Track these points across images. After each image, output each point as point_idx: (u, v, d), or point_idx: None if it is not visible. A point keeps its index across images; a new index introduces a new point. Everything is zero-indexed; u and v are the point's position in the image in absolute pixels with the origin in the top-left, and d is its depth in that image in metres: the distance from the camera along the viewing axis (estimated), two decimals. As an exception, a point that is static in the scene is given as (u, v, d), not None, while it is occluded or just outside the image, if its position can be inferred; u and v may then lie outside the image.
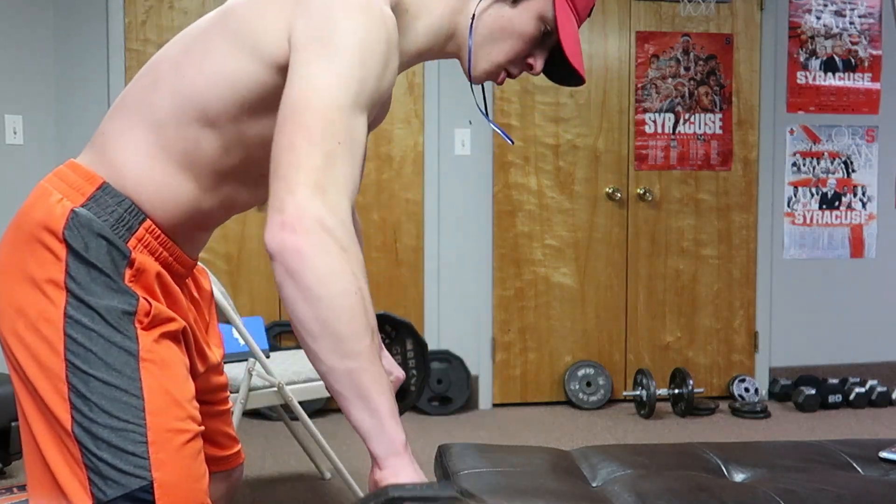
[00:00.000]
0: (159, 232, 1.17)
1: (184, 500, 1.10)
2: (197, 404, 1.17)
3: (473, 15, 1.20)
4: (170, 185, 1.15)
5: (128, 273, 1.12)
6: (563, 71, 1.28)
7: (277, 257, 0.96)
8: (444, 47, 1.24)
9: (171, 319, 1.16)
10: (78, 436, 1.07)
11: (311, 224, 0.95)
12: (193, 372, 1.25)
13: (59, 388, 1.08)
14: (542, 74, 1.31)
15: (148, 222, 1.15)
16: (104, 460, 1.06)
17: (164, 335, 1.15)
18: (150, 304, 1.13)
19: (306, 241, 0.95)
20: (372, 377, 0.97)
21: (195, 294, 1.34)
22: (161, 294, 1.17)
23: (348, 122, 1.01)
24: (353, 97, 1.01)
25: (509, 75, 1.27)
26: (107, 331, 1.09)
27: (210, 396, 1.37)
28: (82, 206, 1.12)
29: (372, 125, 1.34)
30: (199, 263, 1.36)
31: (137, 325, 1.11)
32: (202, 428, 1.16)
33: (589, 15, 1.29)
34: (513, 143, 1.50)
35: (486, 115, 1.35)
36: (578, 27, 1.25)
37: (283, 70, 1.07)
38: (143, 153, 1.14)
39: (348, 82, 1.01)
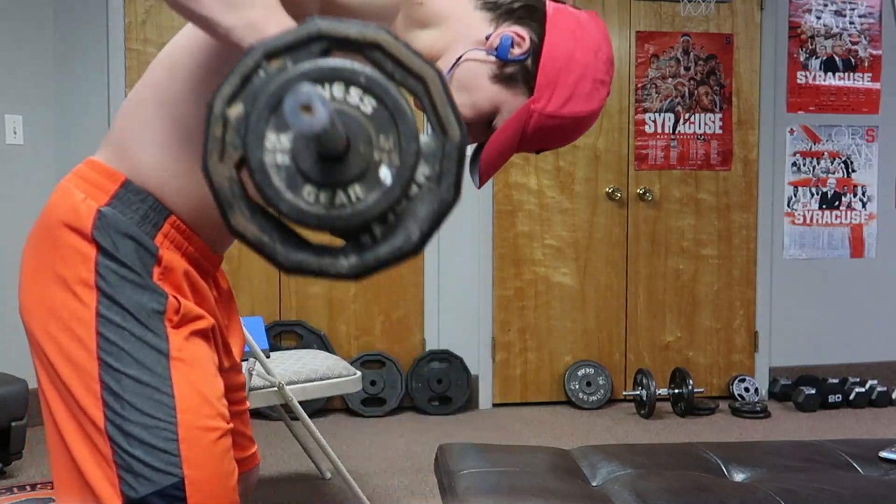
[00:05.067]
0: (185, 227, 1.16)
1: (214, 497, 1.11)
2: (225, 402, 1.17)
3: (460, 57, 1.18)
4: (193, 179, 1.13)
5: (156, 271, 1.12)
6: (475, 162, 1.25)
7: None
8: None
9: (200, 317, 1.16)
10: (110, 433, 1.07)
11: None
12: (220, 368, 1.25)
13: (92, 387, 1.08)
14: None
15: (173, 218, 1.14)
16: (136, 457, 1.07)
17: (194, 333, 1.15)
18: (178, 301, 1.13)
19: None
20: (276, 24, 0.92)
21: (215, 294, 1.34)
22: (189, 291, 1.17)
23: None
24: None
25: None
26: (138, 329, 1.09)
27: (231, 395, 1.38)
28: (107, 204, 1.11)
29: None
30: None
31: (167, 323, 1.11)
32: (231, 426, 1.16)
33: (536, 152, 1.25)
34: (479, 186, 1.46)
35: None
36: (518, 150, 1.21)
37: None
38: (164, 148, 1.13)
39: None
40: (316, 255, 0.81)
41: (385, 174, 0.77)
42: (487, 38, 1.18)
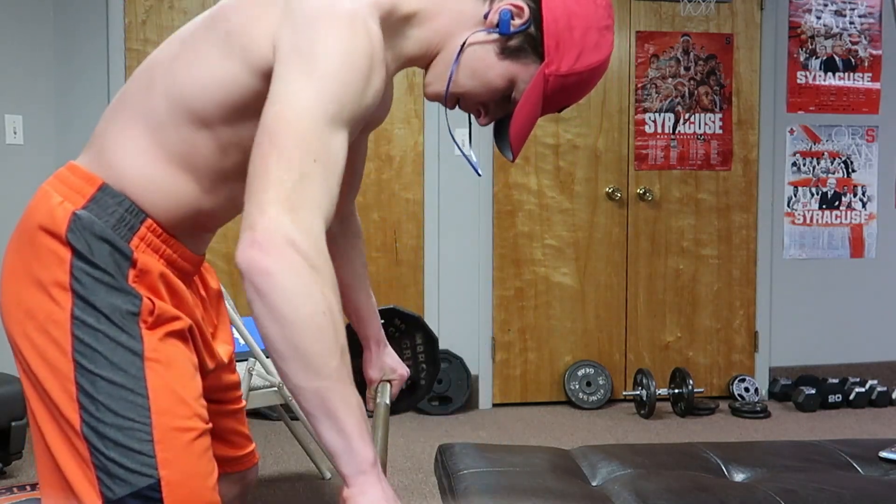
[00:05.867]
0: (161, 230, 1.17)
1: (191, 497, 1.11)
2: (204, 402, 1.18)
3: (464, 43, 1.19)
4: (170, 185, 1.15)
5: (131, 273, 1.13)
6: (504, 137, 1.28)
7: (247, 276, 0.97)
8: (427, 59, 1.23)
9: (175, 318, 1.17)
10: (87, 435, 1.08)
11: (280, 244, 0.95)
12: (202, 369, 1.25)
13: (68, 389, 1.09)
14: (491, 126, 1.29)
15: (149, 221, 1.15)
16: (112, 459, 1.07)
17: (170, 334, 1.15)
18: (153, 303, 1.13)
19: (275, 262, 0.94)
20: (340, 397, 0.98)
21: (202, 292, 1.34)
22: (166, 293, 1.18)
23: (325, 139, 1.00)
24: (330, 115, 1.01)
25: (460, 107, 1.26)
26: (112, 331, 1.10)
27: (222, 395, 1.37)
28: (83, 208, 1.13)
29: (371, 125, 1.33)
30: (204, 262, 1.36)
31: (142, 324, 1.12)
32: (209, 426, 1.16)
33: (559, 110, 1.27)
34: (480, 175, 1.49)
35: (471, 147, 1.34)
36: (542, 114, 1.24)
37: (269, 77, 1.06)
38: (141, 154, 1.15)
39: (327, 100, 1.01)
40: None
41: None
42: (486, 18, 1.18)
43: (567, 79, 1.20)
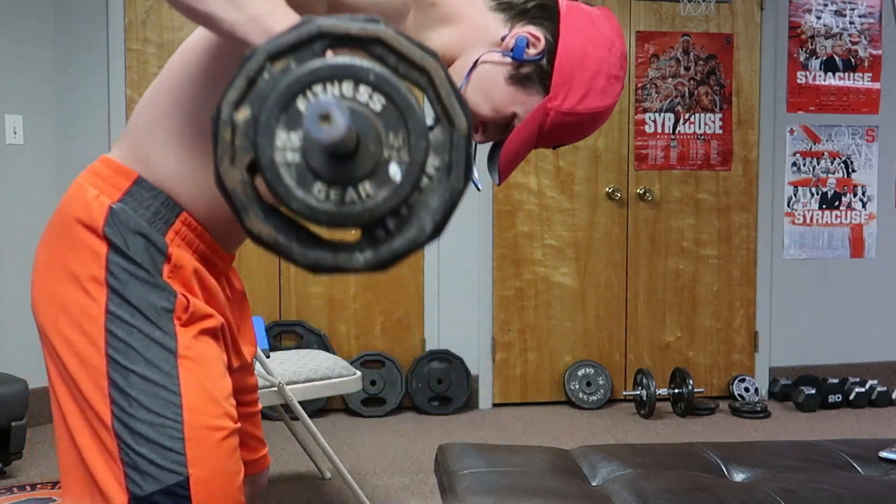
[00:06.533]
0: (196, 224, 1.16)
1: (219, 496, 1.11)
2: (233, 402, 1.17)
3: (477, 60, 1.19)
4: (205, 176, 1.13)
5: (166, 268, 1.12)
6: (495, 161, 1.27)
7: None
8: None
9: (209, 316, 1.16)
10: (117, 430, 1.08)
11: None
12: (229, 367, 1.25)
13: (100, 384, 1.09)
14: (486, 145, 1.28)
15: (184, 214, 1.15)
16: (142, 455, 1.07)
17: (203, 331, 1.15)
18: (188, 300, 1.13)
19: None
20: (279, 17, 0.93)
21: (227, 292, 1.34)
22: (199, 289, 1.17)
23: None
24: None
25: None
26: (147, 327, 1.09)
27: (242, 397, 1.37)
28: (118, 201, 1.12)
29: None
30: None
31: (176, 321, 1.11)
32: (238, 425, 1.16)
33: (553, 147, 1.27)
34: (480, 190, 1.47)
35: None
36: (536, 147, 1.23)
37: None
38: (176, 145, 1.14)
39: None
40: (332, 251, 0.82)
41: (395, 171, 0.77)
42: (503, 40, 1.18)
43: (567, 117, 1.19)
